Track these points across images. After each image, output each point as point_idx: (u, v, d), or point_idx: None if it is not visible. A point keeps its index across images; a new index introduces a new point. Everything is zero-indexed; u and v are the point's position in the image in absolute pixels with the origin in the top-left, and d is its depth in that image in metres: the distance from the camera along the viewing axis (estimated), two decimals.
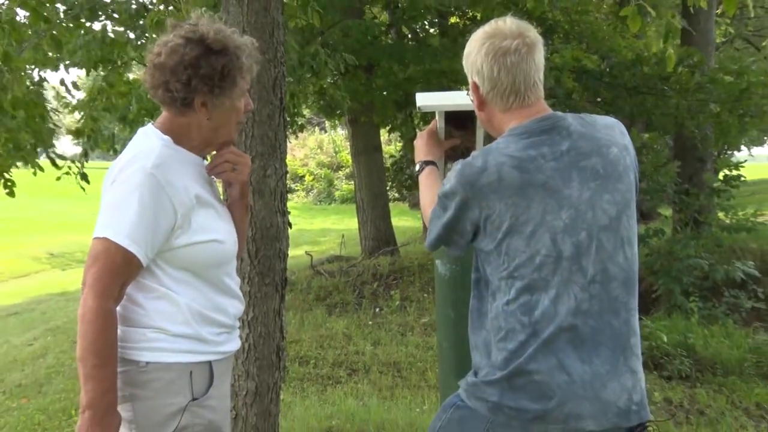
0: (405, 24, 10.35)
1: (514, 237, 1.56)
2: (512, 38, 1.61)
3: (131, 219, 1.56)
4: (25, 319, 9.27)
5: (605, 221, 1.58)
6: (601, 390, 1.54)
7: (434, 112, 2.21)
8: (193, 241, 1.66)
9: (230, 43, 1.67)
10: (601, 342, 1.56)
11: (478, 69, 1.66)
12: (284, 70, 2.90)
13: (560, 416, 1.53)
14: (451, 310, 2.36)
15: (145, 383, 1.63)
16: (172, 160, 1.66)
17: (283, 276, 2.91)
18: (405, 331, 7.38)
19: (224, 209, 1.84)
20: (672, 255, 8.41)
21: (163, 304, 1.66)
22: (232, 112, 1.74)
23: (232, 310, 1.80)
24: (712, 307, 7.71)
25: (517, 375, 1.54)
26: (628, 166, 1.64)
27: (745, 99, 9.15)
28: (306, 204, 26.29)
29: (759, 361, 6.30)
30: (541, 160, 1.57)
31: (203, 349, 1.69)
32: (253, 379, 2.84)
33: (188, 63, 1.63)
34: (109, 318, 1.55)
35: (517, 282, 1.56)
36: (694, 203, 9.72)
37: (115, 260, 1.56)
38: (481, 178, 1.57)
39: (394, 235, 11.27)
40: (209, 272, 1.72)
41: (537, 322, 1.54)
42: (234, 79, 1.68)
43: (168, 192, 1.60)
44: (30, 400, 5.69)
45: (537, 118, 1.63)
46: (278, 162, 2.86)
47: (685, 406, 5.45)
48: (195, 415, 1.65)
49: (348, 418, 4.19)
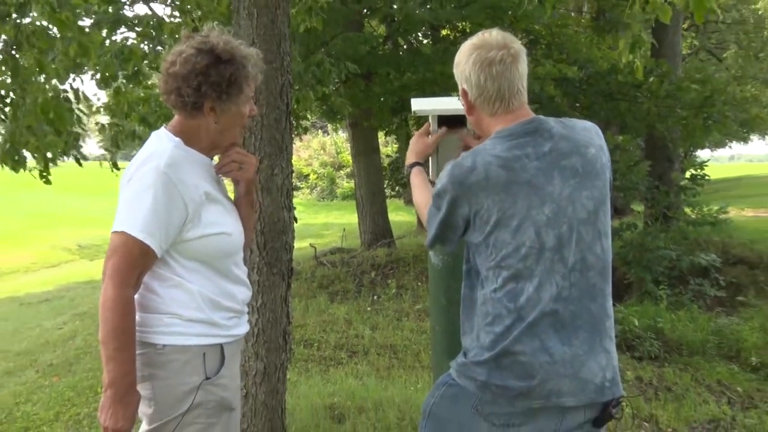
0: (401, 36, 10.33)
1: (501, 230, 1.56)
2: (497, 49, 1.61)
3: (146, 214, 1.57)
4: (56, 305, 9.25)
5: (584, 215, 1.58)
6: (579, 369, 1.55)
7: (428, 116, 2.21)
8: (203, 233, 1.66)
9: (237, 53, 1.68)
10: (580, 326, 1.57)
11: (466, 77, 1.66)
12: (290, 78, 2.89)
13: (542, 393, 1.53)
14: (443, 297, 2.35)
15: (162, 364, 1.63)
16: (183, 160, 1.66)
17: (290, 266, 2.91)
18: (401, 317, 7.38)
19: (231, 205, 1.83)
20: (643, 247, 8.45)
21: (178, 292, 1.66)
22: (237, 117, 1.74)
23: (240, 296, 1.79)
24: (679, 294, 7.75)
25: (503, 356, 1.55)
26: (604, 165, 1.64)
27: (709, 105, 9.25)
28: (310, 200, 26.26)
29: (720, 342, 6.33)
30: (525, 160, 1.57)
31: (215, 332, 1.69)
32: (262, 360, 2.84)
33: (199, 71, 1.63)
34: (127, 305, 1.56)
35: (503, 271, 1.56)
36: (664, 200, 9.76)
37: (132, 252, 1.57)
38: (470, 176, 1.57)
39: (391, 229, 11.27)
40: (219, 262, 1.72)
41: (522, 307, 1.54)
42: (240, 86, 1.68)
43: (180, 189, 1.60)
44: (60, 378, 5.68)
45: (521, 121, 1.63)
46: (285, 162, 2.86)
47: (654, 383, 5.47)
48: (208, 393, 1.65)
49: (348, 396, 4.19)
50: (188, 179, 1.63)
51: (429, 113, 2.19)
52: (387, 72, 9.28)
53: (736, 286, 8.00)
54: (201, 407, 1.64)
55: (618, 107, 9.24)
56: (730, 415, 4.83)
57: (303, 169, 27.32)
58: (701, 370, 5.77)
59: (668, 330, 6.46)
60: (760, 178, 24.17)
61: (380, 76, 9.38)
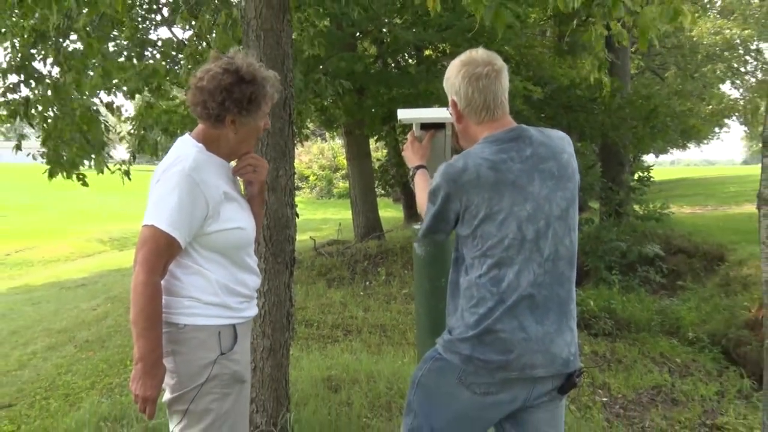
0: (389, 56, 10.30)
1: (487, 223, 1.56)
2: (483, 65, 1.61)
3: (172, 210, 1.57)
4: (91, 290, 9.19)
5: (558, 212, 1.59)
6: (550, 345, 1.56)
7: (412, 124, 2.21)
8: (222, 228, 1.66)
9: (259, 74, 1.68)
10: (551, 308, 1.58)
11: (456, 90, 1.65)
12: (293, 92, 2.86)
13: (518, 365, 1.55)
14: (426, 283, 2.34)
15: (183, 341, 1.63)
16: (206, 164, 1.66)
17: (292, 256, 2.88)
18: (389, 300, 7.38)
19: (245, 202, 1.83)
20: (599, 239, 8.49)
21: (198, 279, 1.66)
22: (254, 130, 1.74)
23: (251, 283, 1.79)
24: (629, 280, 7.80)
25: (486, 333, 1.55)
26: (574, 170, 1.65)
27: (653, 117, 9.36)
28: (310, 199, 26.20)
29: (663, 320, 6.40)
30: (510, 163, 1.57)
31: (229, 314, 1.69)
32: (268, 338, 2.81)
33: (224, 88, 1.63)
34: (155, 289, 1.57)
35: (488, 259, 1.56)
36: (616, 198, 9.81)
37: (160, 243, 1.57)
38: (463, 176, 1.56)
39: (381, 224, 11.24)
40: (234, 253, 1.72)
41: (503, 291, 1.55)
42: (259, 103, 1.68)
43: (202, 189, 1.60)
44: (95, 353, 5.66)
45: (505, 129, 1.63)
46: (288, 165, 2.84)
47: (607, 356, 5.50)
48: (223, 366, 1.66)
49: (344, 369, 4.18)
50: (210, 180, 1.63)
51: (413, 121, 2.20)
52: (377, 88, 9.26)
53: (677, 272, 8.06)
54: (217, 379, 1.65)
55: (577, 118, 9.28)
56: (670, 382, 4.87)
57: (304, 171, 27.23)
58: (647, 345, 5.81)
59: (620, 310, 6.50)
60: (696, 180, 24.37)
61: (371, 91, 9.35)
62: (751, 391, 4.70)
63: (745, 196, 13.58)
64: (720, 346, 5.70)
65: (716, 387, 4.79)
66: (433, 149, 2.21)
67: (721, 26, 17.55)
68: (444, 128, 2.18)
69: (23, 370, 5.36)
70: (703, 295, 6.95)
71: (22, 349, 6.03)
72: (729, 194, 15.35)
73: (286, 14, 2.78)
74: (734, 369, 5.23)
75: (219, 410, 1.66)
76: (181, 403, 1.64)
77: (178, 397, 1.64)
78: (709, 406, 4.41)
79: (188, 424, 1.65)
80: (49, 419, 4.00)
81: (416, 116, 2.21)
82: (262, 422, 2.83)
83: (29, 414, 4.24)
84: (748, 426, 3.93)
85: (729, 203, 13.34)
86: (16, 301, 8.67)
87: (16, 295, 9.19)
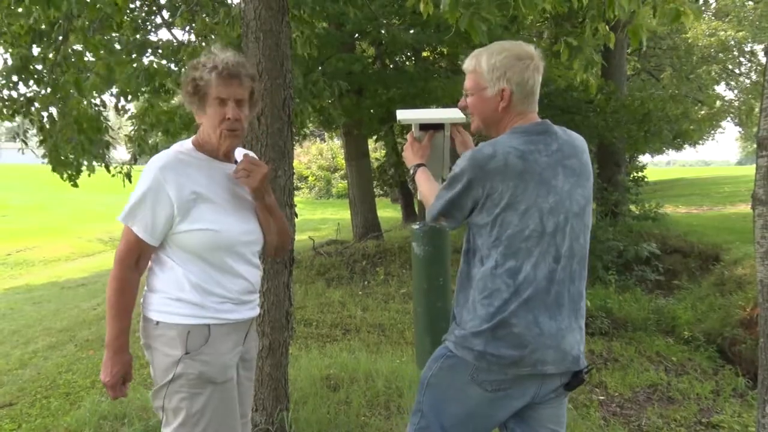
0: (388, 56, 10.30)
1: (509, 212, 1.53)
2: (539, 59, 1.62)
3: (134, 207, 1.62)
4: (91, 289, 9.17)
5: (577, 209, 1.59)
6: (561, 341, 1.56)
7: (410, 125, 2.20)
8: (190, 228, 1.63)
9: (197, 61, 1.67)
10: (563, 304, 1.57)
11: (518, 80, 1.60)
12: (292, 93, 2.85)
13: (531, 361, 1.53)
14: (425, 283, 2.33)
15: (156, 337, 1.65)
16: (181, 163, 1.65)
17: (291, 256, 2.88)
18: (388, 299, 7.37)
19: (237, 205, 1.74)
20: (595, 239, 8.48)
21: (172, 276, 1.66)
22: (208, 119, 1.66)
23: (232, 286, 1.69)
24: (625, 279, 7.80)
25: (500, 327, 1.53)
26: (591, 171, 1.67)
27: (648, 121, 9.38)
28: (309, 199, 26.17)
29: (659, 319, 6.39)
30: (537, 155, 1.56)
31: (202, 314, 1.64)
32: (267, 337, 2.81)
33: (183, 82, 1.68)
34: (123, 283, 1.62)
35: (505, 250, 1.54)
36: (612, 198, 9.81)
37: (129, 239, 1.64)
38: (490, 162, 1.54)
39: (379, 224, 11.22)
40: (209, 255, 1.65)
41: (520, 284, 1.53)
42: (198, 88, 1.64)
43: (167, 188, 1.60)
44: (95, 352, 5.63)
45: (534, 122, 1.63)
46: (287, 165, 2.83)
47: (603, 355, 5.51)
48: (188, 366, 1.63)
49: (342, 368, 4.17)
50: (179, 180, 1.61)
51: (412, 122, 2.19)
52: (376, 88, 9.25)
53: (672, 272, 8.07)
54: (183, 378, 1.63)
55: (573, 120, 9.28)
56: (666, 381, 4.88)
57: (303, 171, 27.19)
58: (643, 343, 5.82)
59: (616, 309, 6.51)
60: (692, 180, 24.40)
61: (370, 91, 9.35)
62: (746, 389, 4.70)
63: (739, 196, 13.60)
64: (715, 345, 5.70)
65: (712, 385, 4.80)
66: (432, 150, 2.20)
67: (716, 28, 17.57)
68: (443, 129, 2.16)
69: (24, 369, 5.35)
70: (698, 294, 6.96)
71: (23, 348, 6.02)
72: (724, 194, 15.37)
73: (285, 16, 2.77)
74: (729, 367, 5.24)
75: (189, 409, 1.63)
76: (158, 399, 1.66)
77: (156, 392, 1.67)
78: (705, 405, 4.41)
79: (167, 420, 1.67)
80: (50, 418, 4.00)
81: (415, 117, 2.20)
82: (261, 421, 2.82)
83: (30, 413, 4.23)
84: (743, 424, 3.94)
85: (724, 203, 13.36)
86: (17, 300, 8.66)
87: (17, 294, 9.18)
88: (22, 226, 15.93)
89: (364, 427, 3.18)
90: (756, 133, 2.43)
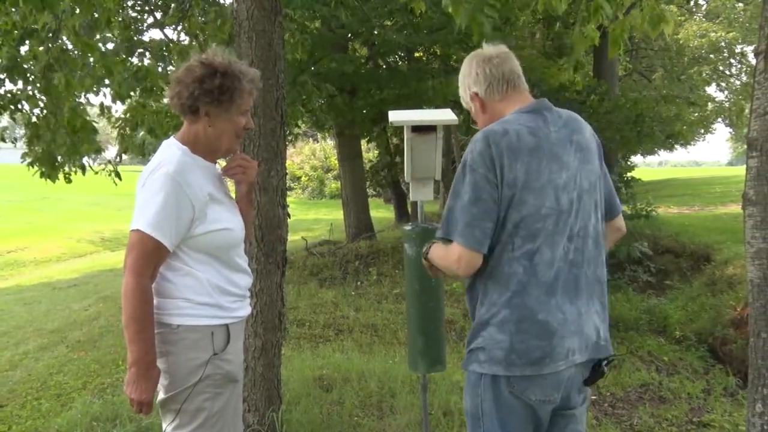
0: (380, 57, 10.31)
1: (525, 191, 1.47)
2: (492, 51, 1.64)
3: (157, 214, 1.56)
4: (82, 290, 9.11)
5: (587, 185, 1.56)
6: (583, 326, 1.52)
7: (403, 126, 2.21)
8: (209, 229, 1.65)
9: (233, 68, 1.67)
10: (581, 287, 1.53)
11: (474, 78, 1.64)
12: (284, 93, 2.86)
13: (563, 352, 1.47)
14: (417, 283, 2.34)
15: (176, 342, 1.63)
16: (190, 166, 1.65)
17: (284, 256, 2.88)
18: (381, 300, 7.37)
19: (232, 203, 1.82)
20: None
21: (189, 280, 1.65)
22: (229, 124, 1.71)
23: (242, 283, 1.78)
24: (618, 279, 7.81)
25: (523, 319, 1.46)
26: (596, 147, 1.64)
27: (640, 122, 9.43)
28: (302, 199, 26.12)
29: (651, 319, 6.42)
30: (546, 130, 1.54)
31: (221, 314, 1.69)
32: (260, 337, 2.81)
33: (196, 78, 1.64)
34: (145, 293, 1.57)
35: (522, 231, 1.47)
36: None
37: (147, 247, 1.57)
38: (503, 139, 1.49)
39: (372, 224, 11.22)
40: (223, 253, 1.71)
41: (537, 265, 1.47)
42: (231, 96, 1.67)
43: (186, 191, 1.60)
44: (87, 353, 5.61)
45: (536, 101, 1.62)
46: (279, 165, 2.83)
47: None
48: (216, 366, 1.65)
49: (335, 368, 4.17)
50: (194, 182, 1.62)
51: (404, 123, 2.20)
52: (368, 88, 9.25)
53: (664, 272, 8.10)
54: (210, 379, 1.64)
55: None
56: (658, 380, 4.90)
57: (296, 171, 27.15)
58: (635, 343, 5.84)
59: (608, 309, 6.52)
60: (683, 181, 24.55)
61: (363, 91, 9.35)
62: (737, 388, 4.74)
63: (730, 196, 13.69)
64: (706, 345, 5.74)
65: (703, 385, 4.83)
66: (424, 151, 2.21)
67: (707, 29, 17.71)
68: (435, 131, 2.18)
69: (15, 370, 5.31)
70: (689, 294, 6.99)
71: (13, 350, 5.97)
72: (715, 195, 15.46)
73: (278, 16, 2.77)
74: (720, 367, 5.28)
75: (211, 409, 1.65)
76: (174, 403, 1.64)
77: (172, 397, 1.64)
78: (696, 404, 4.44)
79: (181, 423, 1.65)
80: (41, 420, 3.97)
81: (407, 119, 2.21)
82: (254, 421, 2.82)
83: (21, 414, 4.20)
84: (734, 423, 3.97)
85: (715, 203, 13.44)
86: (7, 301, 8.59)
87: (8, 295, 9.10)
88: (12, 227, 15.80)
89: (356, 427, 3.18)
90: (746, 134, 2.46)
